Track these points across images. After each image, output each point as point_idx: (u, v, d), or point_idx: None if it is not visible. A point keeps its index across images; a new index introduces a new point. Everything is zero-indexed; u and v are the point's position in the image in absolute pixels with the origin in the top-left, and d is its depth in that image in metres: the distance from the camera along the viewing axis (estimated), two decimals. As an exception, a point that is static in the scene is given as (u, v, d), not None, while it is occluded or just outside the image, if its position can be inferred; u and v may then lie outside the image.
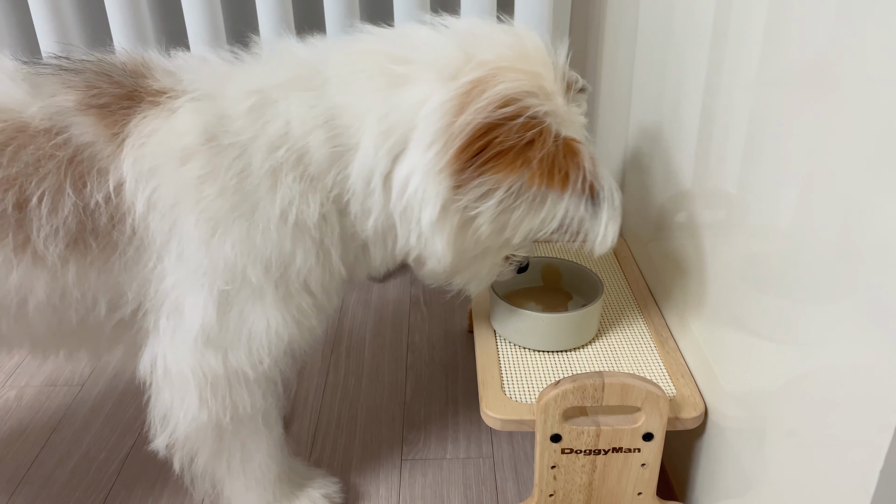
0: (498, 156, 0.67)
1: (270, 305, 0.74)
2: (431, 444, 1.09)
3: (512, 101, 0.67)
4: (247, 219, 0.70)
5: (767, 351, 0.65)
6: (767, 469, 0.66)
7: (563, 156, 0.69)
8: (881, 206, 0.47)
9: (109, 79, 0.70)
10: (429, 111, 0.68)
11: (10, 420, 1.16)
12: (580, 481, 0.83)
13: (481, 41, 0.71)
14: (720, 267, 0.77)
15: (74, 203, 0.66)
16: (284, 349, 0.77)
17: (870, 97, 0.48)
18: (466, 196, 0.69)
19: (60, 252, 0.67)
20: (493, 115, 0.66)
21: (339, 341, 1.37)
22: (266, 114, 0.70)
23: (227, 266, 0.70)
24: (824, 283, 0.55)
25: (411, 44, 0.72)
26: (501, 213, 0.71)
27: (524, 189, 0.69)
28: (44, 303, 0.70)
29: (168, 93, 0.70)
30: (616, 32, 1.24)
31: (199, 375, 0.75)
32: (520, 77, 0.68)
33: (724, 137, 0.75)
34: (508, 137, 0.67)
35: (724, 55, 0.74)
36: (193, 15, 1.25)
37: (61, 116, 0.67)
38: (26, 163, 0.65)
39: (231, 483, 0.88)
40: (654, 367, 0.89)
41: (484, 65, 0.68)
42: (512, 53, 0.70)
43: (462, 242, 0.74)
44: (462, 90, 0.67)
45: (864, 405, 0.50)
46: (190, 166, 0.68)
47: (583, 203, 0.70)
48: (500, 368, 0.89)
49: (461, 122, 0.66)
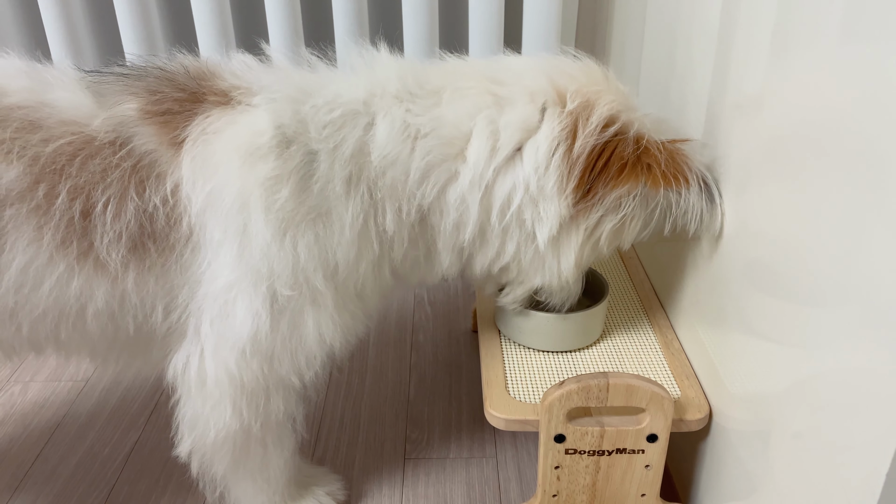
0: (620, 169, 0.73)
1: (327, 313, 0.73)
2: (435, 444, 1.09)
3: (614, 120, 0.73)
4: (319, 223, 0.70)
5: (772, 353, 0.65)
6: (772, 472, 0.66)
7: (674, 158, 0.75)
8: (888, 209, 0.47)
9: (172, 83, 0.70)
10: (543, 137, 0.72)
11: (14, 415, 1.17)
12: (584, 482, 0.83)
13: (558, 68, 0.76)
14: (725, 269, 0.77)
15: (137, 206, 0.67)
16: (329, 354, 0.77)
17: (874, 98, 0.48)
18: (595, 213, 0.75)
19: (122, 257, 0.68)
20: (603, 136, 0.72)
21: (343, 340, 1.37)
22: (350, 126, 0.71)
23: (293, 270, 0.70)
24: (830, 286, 0.55)
25: (502, 69, 0.76)
26: (623, 222, 0.77)
27: (650, 194, 0.76)
28: (103, 310, 0.70)
29: (238, 90, 0.70)
30: (622, 40, 1.24)
31: (238, 384, 0.74)
32: (611, 98, 0.74)
33: (729, 139, 0.75)
34: (625, 151, 0.73)
35: (730, 60, 0.74)
36: (203, 20, 1.25)
37: (124, 128, 0.68)
38: (93, 172, 0.66)
39: (243, 485, 0.87)
40: (658, 368, 0.89)
41: (578, 93, 0.74)
42: (591, 79, 0.76)
43: (583, 254, 0.79)
44: (572, 118, 0.73)
45: (869, 408, 0.50)
46: (262, 166, 0.67)
47: (699, 195, 0.76)
48: (505, 368, 0.89)
49: (577, 148, 0.72)
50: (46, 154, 0.65)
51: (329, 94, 0.71)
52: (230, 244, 0.69)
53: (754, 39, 0.68)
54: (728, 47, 0.75)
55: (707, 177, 0.76)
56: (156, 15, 1.29)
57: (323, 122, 0.70)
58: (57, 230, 0.66)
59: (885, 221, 0.47)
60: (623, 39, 1.24)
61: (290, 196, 0.68)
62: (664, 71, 1.00)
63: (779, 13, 0.63)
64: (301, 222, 0.69)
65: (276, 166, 0.68)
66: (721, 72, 0.77)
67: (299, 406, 0.83)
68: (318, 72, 0.77)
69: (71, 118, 0.67)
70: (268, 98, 0.70)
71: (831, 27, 0.54)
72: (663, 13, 1.00)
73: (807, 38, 0.58)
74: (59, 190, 0.65)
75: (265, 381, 0.75)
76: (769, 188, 0.66)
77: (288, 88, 0.71)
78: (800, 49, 0.59)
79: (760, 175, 0.68)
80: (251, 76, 0.73)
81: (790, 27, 0.61)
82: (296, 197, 0.68)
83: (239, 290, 0.70)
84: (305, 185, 0.69)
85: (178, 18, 1.39)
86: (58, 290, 0.68)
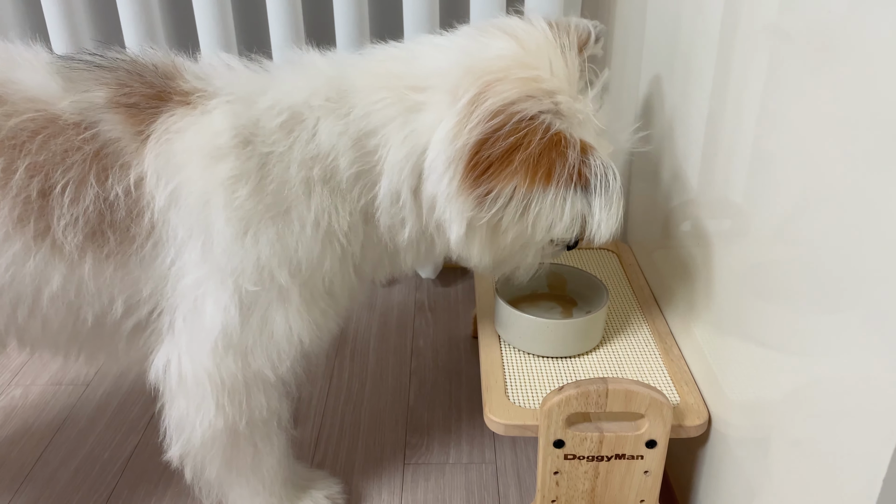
0: (490, 166, 0.69)
1: (294, 308, 0.75)
2: (434, 449, 1.09)
3: (499, 112, 0.68)
4: (279, 221, 0.71)
5: (772, 360, 0.65)
6: (771, 478, 0.66)
7: (547, 151, 0.69)
8: (888, 217, 0.47)
9: (141, 79, 0.71)
10: (437, 138, 0.71)
11: (15, 418, 1.17)
12: (583, 487, 0.83)
13: (480, 53, 0.72)
14: (725, 275, 0.77)
15: (96, 194, 0.68)
16: (303, 351, 0.78)
17: (879, 106, 0.48)
18: (486, 209, 0.70)
19: (79, 242, 0.68)
20: (484, 131, 0.68)
21: (343, 345, 1.37)
22: (297, 130, 0.72)
23: (256, 266, 0.71)
24: (829, 293, 0.55)
25: (421, 67, 0.74)
26: (520, 216, 0.72)
27: (526, 191, 0.69)
28: (59, 295, 0.71)
29: (199, 93, 0.71)
30: (624, 37, 1.24)
31: (217, 380, 0.75)
32: (508, 87, 0.69)
33: (730, 145, 0.75)
34: (495, 146, 0.68)
35: (732, 61, 0.74)
36: (204, 18, 1.26)
37: (91, 112, 0.69)
38: (54, 152, 0.67)
39: (238, 489, 0.87)
40: (658, 374, 0.89)
41: (477, 81, 0.70)
42: (506, 61, 0.71)
43: (495, 245, 0.77)
44: (462, 113, 0.69)
45: (867, 415, 0.50)
46: (222, 166, 0.69)
47: (576, 195, 0.70)
48: (504, 373, 0.89)
49: (461, 144, 0.69)
50: (7, 128, 0.66)
51: (274, 99, 0.73)
52: (194, 242, 0.70)
53: (755, 40, 0.69)
54: (729, 47, 0.76)
55: (592, 172, 0.69)
56: (157, 10, 1.30)
57: (271, 126, 0.71)
58: (14, 206, 0.66)
59: (887, 229, 0.48)
60: (625, 36, 1.24)
61: (250, 195, 0.69)
62: (665, 70, 1.00)
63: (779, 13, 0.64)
64: (261, 220, 0.70)
65: (236, 166, 0.69)
66: (723, 68, 0.78)
67: (283, 403, 0.83)
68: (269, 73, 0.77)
69: (36, 96, 0.68)
70: (224, 101, 0.71)
71: (831, 30, 0.54)
72: (665, 12, 1.01)
73: (805, 38, 0.58)
74: (18, 166, 0.66)
75: (243, 377, 0.76)
76: (773, 193, 0.66)
77: (241, 91, 0.72)
78: (798, 48, 0.60)
79: (763, 179, 0.68)
80: (211, 79, 0.74)
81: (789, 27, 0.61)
82: (255, 196, 0.70)
83: (206, 286, 0.72)
84: (263, 184, 0.70)
85: (179, 14, 1.40)
86: (14, 269, 0.68)
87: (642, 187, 1.13)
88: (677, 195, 0.94)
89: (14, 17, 1.34)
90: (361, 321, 1.45)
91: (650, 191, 1.08)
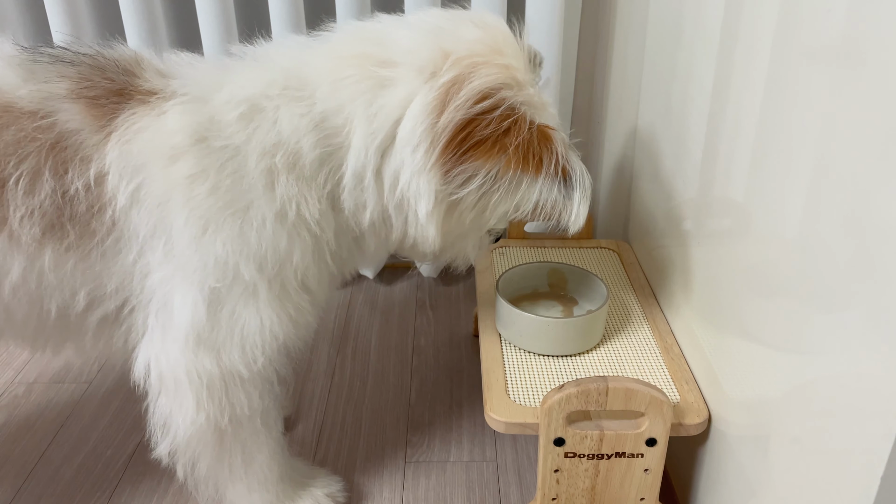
0: (477, 145, 0.71)
1: (264, 303, 0.74)
2: (435, 447, 1.10)
3: (488, 94, 0.71)
4: (240, 217, 0.71)
5: (771, 358, 0.66)
6: (770, 476, 0.66)
7: (537, 142, 0.73)
8: (887, 216, 0.47)
9: (103, 73, 0.71)
10: (413, 112, 0.72)
11: (18, 416, 1.18)
12: (583, 485, 0.83)
13: (454, 36, 0.74)
14: (725, 274, 0.77)
15: (53, 188, 0.68)
16: (279, 347, 0.78)
17: (878, 107, 0.48)
18: (451, 184, 0.73)
19: (36, 235, 0.68)
20: (472, 111, 0.71)
21: (344, 343, 1.37)
22: (257, 120, 0.72)
23: (217, 263, 0.71)
24: (829, 292, 0.55)
25: (390, 44, 0.75)
26: (482, 197, 0.75)
27: (501, 174, 0.73)
28: (20, 285, 0.71)
29: (158, 93, 0.72)
30: (625, 38, 1.24)
31: (194, 377, 0.75)
32: (493, 71, 0.72)
33: (731, 145, 0.75)
34: (487, 128, 0.71)
35: (733, 60, 0.75)
36: (207, 14, 1.26)
37: (50, 102, 0.69)
38: (6, 142, 0.67)
39: (233, 486, 0.88)
40: (658, 372, 0.89)
41: (459, 62, 0.72)
42: (484, 47, 0.73)
43: (448, 225, 0.79)
44: (442, 90, 0.71)
45: (866, 413, 0.50)
46: (179, 165, 0.69)
47: (556, 186, 0.75)
48: (505, 372, 0.90)
49: (443, 121, 0.71)
50: None
51: (231, 93, 0.73)
52: (157, 241, 0.71)
53: (756, 41, 0.69)
54: (730, 48, 0.76)
55: (573, 167, 0.75)
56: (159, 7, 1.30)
57: (228, 119, 0.71)
58: None
59: (886, 228, 0.48)
60: (626, 37, 1.25)
61: (209, 192, 0.70)
62: (666, 69, 1.00)
63: (780, 16, 0.64)
64: (221, 216, 0.70)
65: (194, 164, 0.69)
66: (724, 67, 0.78)
67: (267, 400, 0.83)
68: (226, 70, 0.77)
69: None
70: (180, 101, 0.71)
71: (833, 29, 0.55)
72: (666, 12, 1.01)
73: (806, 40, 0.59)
74: None
75: (220, 372, 0.76)
76: (773, 192, 0.66)
77: (196, 89, 0.72)
78: (799, 46, 0.60)
79: (763, 178, 0.68)
80: (171, 78, 0.74)
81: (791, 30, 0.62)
82: (215, 193, 0.70)
83: (173, 284, 0.72)
84: (224, 179, 0.70)
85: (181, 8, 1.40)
86: None
87: (643, 186, 1.13)
88: (678, 194, 0.94)
89: (16, 14, 1.35)
90: (363, 319, 1.45)
91: (651, 189, 1.08)
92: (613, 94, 1.33)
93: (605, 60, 1.39)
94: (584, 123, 1.51)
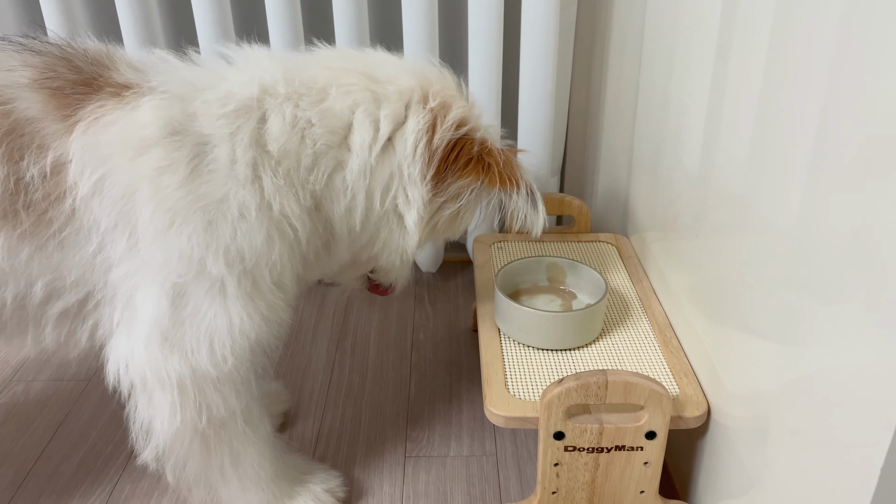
0: (467, 164, 0.83)
1: (233, 300, 0.73)
2: (435, 442, 1.10)
3: (464, 122, 0.84)
4: (211, 210, 0.70)
5: (770, 351, 0.66)
6: (769, 468, 0.67)
7: (509, 164, 0.86)
8: (887, 207, 0.47)
9: (69, 64, 0.71)
10: (411, 129, 0.80)
11: (17, 414, 1.18)
12: (583, 479, 0.83)
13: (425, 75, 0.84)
14: (724, 267, 0.77)
15: (6, 173, 0.67)
16: (251, 347, 0.77)
17: (876, 97, 0.48)
18: (439, 199, 0.84)
19: None
20: (456, 134, 0.83)
21: (343, 339, 1.37)
22: (247, 115, 0.73)
23: (182, 258, 0.70)
24: (828, 285, 0.55)
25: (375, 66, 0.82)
26: (459, 210, 0.87)
27: (483, 190, 0.86)
28: None
29: (133, 88, 0.71)
30: (623, 33, 1.24)
31: (164, 378, 0.74)
32: (461, 104, 0.85)
33: (729, 138, 0.75)
34: (472, 149, 0.84)
35: (730, 54, 0.74)
36: (203, 12, 1.26)
37: (9, 90, 0.68)
38: None
39: (226, 487, 0.87)
40: (657, 366, 0.89)
41: (440, 93, 0.83)
42: (448, 85, 0.86)
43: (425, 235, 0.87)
44: (432, 114, 0.82)
45: (865, 405, 0.50)
46: (147, 157, 0.68)
47: (526, 199, 0.87)
48: (504, 366, 0.90)
49: (437, 140, 0.81)
50: None
51: (221, 92, 0.73)
52: (120, 234, 0.70)
53: (754, 30, 0.69)
54: (728, 40, 0.76)
55: (532, 185, 0.88)
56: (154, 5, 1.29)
57: (217, 114, 0.72)
58: None
59: (886, 219, 0.48)
60: (624, 30, 1.24)
61: (179, 185, 0.69)
62: (665, 61, 1.00)
63: (776, 14, 0.64)
64: (191, 210, 0.70)
65: (164, 157, 0.69)
66: (722, 61, 0.78)
67: (245, 400, 0.81)
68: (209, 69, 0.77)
69: None
70: (160, 96, 0.71)
71: (830, 26, 0.55)
72: (663, 14, 1.01)
73: (803, 40, 0.58)
74: None
75: (190, 373, 0.74)
76: (772, 185, 0.66)
77: (177, 86, 0.72)
78: (799, 42, 0.60)
79: (762, 171, 0.68)
80: (147, 74, 0.73)
81: (788, 29, 0.61)
82: (185, 185, 0.69)
83: (136, 279, 0.71)
84: (197, 172, 0.70)
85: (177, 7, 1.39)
86: None
87: (642, 179, 1.13)
88: (676, 187, 0.94)
89: (12, 12, 1.34)
90: (362, 314, 1.45)
91: (650, 183, 1.08)
92: (611, 87, 1.33)
93: (602, 56, 1.38)
94: (582, 117, 1.51)
